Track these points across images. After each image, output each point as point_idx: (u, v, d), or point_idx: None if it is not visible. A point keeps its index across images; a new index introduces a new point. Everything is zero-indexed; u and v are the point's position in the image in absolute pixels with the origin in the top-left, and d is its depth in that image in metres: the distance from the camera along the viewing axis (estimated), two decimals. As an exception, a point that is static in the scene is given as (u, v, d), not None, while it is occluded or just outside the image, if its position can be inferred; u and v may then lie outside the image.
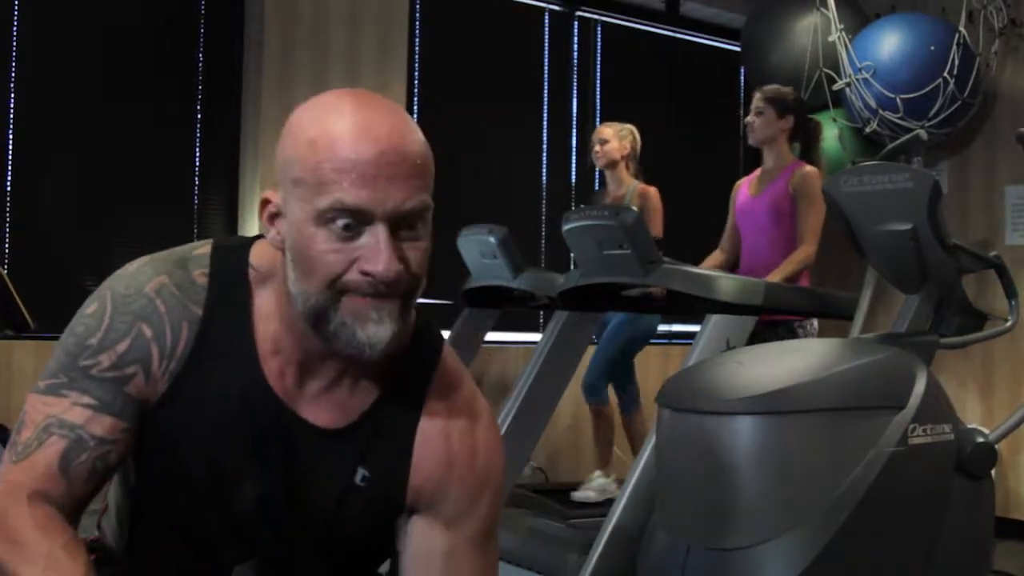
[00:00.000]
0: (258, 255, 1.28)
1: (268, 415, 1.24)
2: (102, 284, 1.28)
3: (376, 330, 1.16)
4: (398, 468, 1.29)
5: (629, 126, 4.67)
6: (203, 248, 1.29)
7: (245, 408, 1.24)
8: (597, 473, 4.65)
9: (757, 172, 4.10)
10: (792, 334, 3.73)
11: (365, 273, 1.14)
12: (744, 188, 4.10)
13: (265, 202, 1.21)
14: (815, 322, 3.86)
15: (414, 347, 1.30)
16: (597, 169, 4.91)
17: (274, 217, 1.20)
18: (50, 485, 1.19)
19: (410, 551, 1.31)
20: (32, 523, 1.16)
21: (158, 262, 1.28)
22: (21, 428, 1.22)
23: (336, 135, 1.13)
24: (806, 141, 4.04)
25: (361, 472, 1.28)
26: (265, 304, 1.25)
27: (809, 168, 3.90)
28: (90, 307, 1.26)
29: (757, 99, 3.99)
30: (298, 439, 1.26)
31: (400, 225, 1.15)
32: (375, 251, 1.13)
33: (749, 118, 4.01)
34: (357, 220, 1.13)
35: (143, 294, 1.24)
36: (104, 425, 1.21)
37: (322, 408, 1.27)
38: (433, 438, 1.30)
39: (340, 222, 1.13)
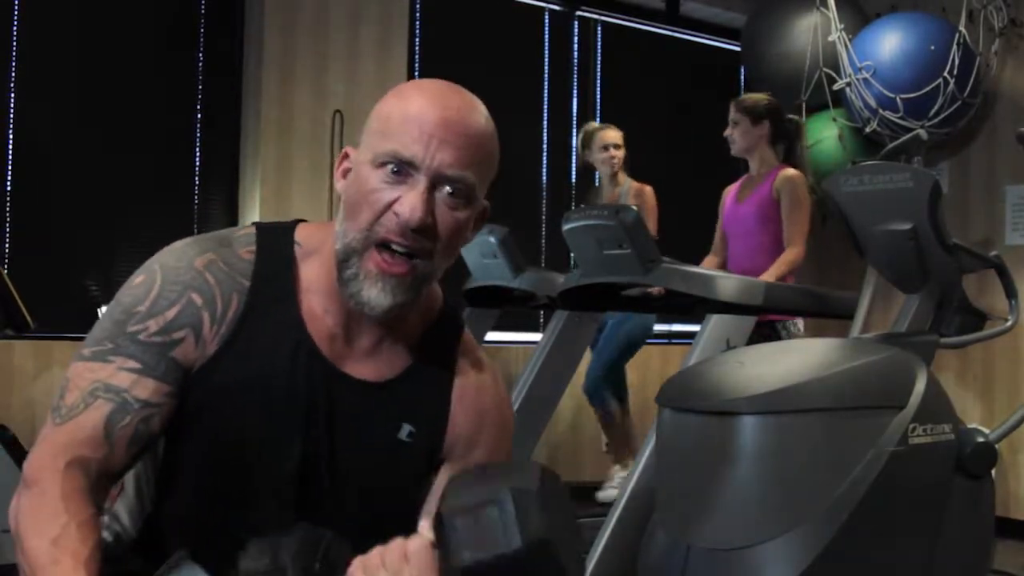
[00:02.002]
0: (302, 234, 1.36)
1: (315, 372, 1.31)
2: (149, 259, 1.33)
3: (377, 296, 1.27)
4: (438, 421, 1.39)
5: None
6: (247, 229, 1.37)
7: (293, 366, 1.30)
8: (616, 468, 4.63)
9: (743, 178, 4.14)
10: (776, 334, 3.74)
11: (396, 214, 1.25)
12: (731, 195, 4.16)
13: (345, 155, 1.32)
14: (800, 323, 3.87)
15: (441, 318, 1.43)
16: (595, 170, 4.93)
17: (347, 172, 1.31)
18: (91, 449, 1.22)
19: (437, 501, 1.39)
20: (59, 491, 1.18)
21: (204, 241, 1.35)
22: (64, 393, 1.24)
23: (414, 98, 1.29)
24: (788, 142, 4.08)
25: (407, 428, 1.36)
26: (310, 277, 1.33)
27: (792, 171, 3.93)
28: (138, 278, 1.30)
29: (732, 111, 4.06)
30: (345, 395, 1.33)
31: (441, 187, 1.27)
32: (409, 197, 1.25)
33: (727, 131, 4.07)
34: (404, 169, 1.25)
35: (192, 267, 1.30)
36: (148, 388, 1.24)
37: (366, 366, 1.35)
38: (467, 394, 1.41)
39: (390, 167, 1.25)
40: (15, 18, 4.33)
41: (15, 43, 4.33)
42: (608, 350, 4.59)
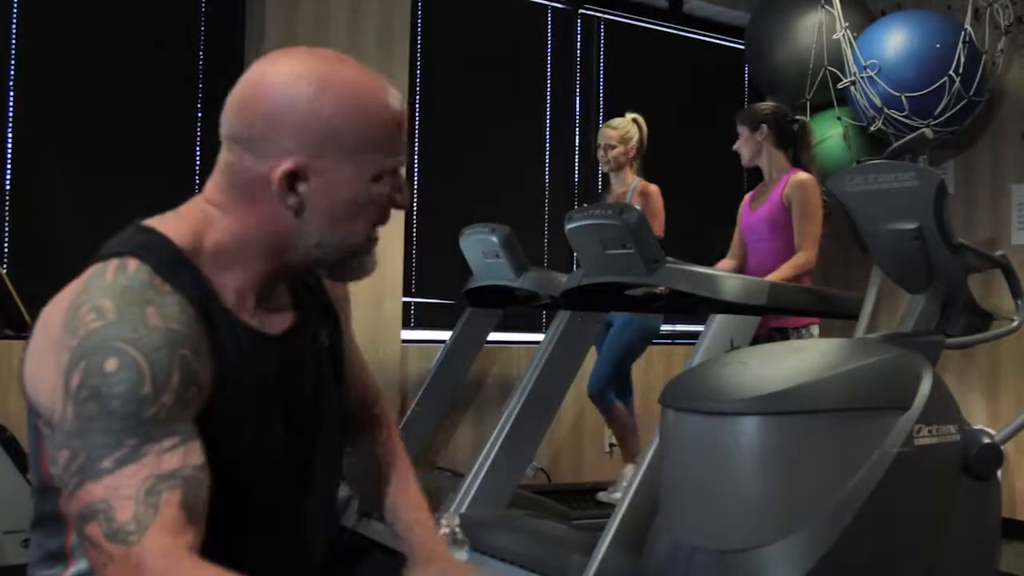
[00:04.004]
0: (175, 235, 1.34)
1: (266, 356, 1.35)
2: (91, 341, 1.18)
3: (373, 263, 1.41)
4: (328, 314, 1.52)
5: (631, 116, 4.63)
6: (132, 263, 1.26)
7: (255, 358, 1.33)
8: (628, 468, 4.55)
9: (759, 186, 4.13)
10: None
11: (396, 206, 1.38)
12: (747, 202, 4.13)
13: (293, 174, 1.30)
14: (815, 330, 3.84)
15: None
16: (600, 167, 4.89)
17: (295, 184, 1.31)
18: (188, 538, 1.14)
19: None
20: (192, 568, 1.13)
21: (122, 295, 1.22)
22: (113, 513, 1.12)
23: (383, 102, 1.36)
24: (796, 145, 4.05)
25: (323, 333, 1.49)
26: (217, 278, 1.33)
27: (803, 176, 3.91)
28: (108, 362, 1.16)
29: (737, 125, 4.05)
30: (287, 355, 1.39)
31: None
32: (405, 188, 1.40)
33: (735, 145, 4.06)
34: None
35: (149, 326, 1.20)
36: (197, 450, 1.19)
37: (283, 319, 1.42)
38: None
39: (386, 175, 1.35)
40: (15, 18, 4.32)
41: (15, 43, 4.32)
42: (613, 352, 4.54)
